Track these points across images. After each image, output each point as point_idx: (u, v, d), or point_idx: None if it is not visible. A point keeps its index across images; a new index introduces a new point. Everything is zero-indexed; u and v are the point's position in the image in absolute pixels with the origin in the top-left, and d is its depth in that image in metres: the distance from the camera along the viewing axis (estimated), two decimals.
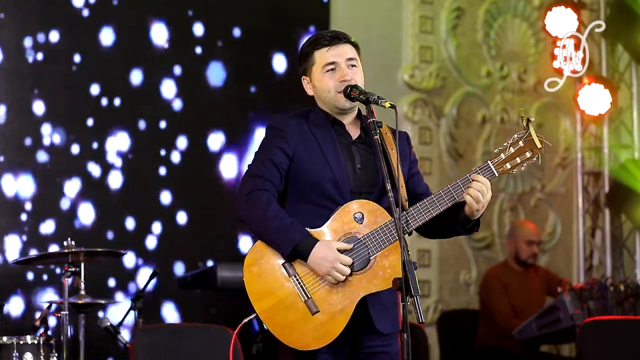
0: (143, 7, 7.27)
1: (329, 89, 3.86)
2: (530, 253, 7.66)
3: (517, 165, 3.80)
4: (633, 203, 8.03)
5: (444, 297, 8.48)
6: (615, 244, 8.35)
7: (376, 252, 3.71)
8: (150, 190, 7.21)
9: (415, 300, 3.44)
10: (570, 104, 8.49)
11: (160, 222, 7.19)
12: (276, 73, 7.71)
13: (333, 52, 3.86)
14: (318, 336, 3.68)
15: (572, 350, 8.36)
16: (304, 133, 3.84)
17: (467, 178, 3.76)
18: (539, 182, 9.02)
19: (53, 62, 6.86)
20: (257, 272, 3.74)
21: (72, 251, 5.33)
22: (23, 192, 6.72)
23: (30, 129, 6.77)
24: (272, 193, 3.77)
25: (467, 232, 3.87)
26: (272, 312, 3.70)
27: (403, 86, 8.41)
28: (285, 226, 3.69)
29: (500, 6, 8.90)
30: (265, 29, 7.67)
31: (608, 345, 6.18)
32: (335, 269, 3.66)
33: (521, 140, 3.79)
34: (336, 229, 3.73)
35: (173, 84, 7.31)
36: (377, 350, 3.80)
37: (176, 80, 7.32)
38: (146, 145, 7.18)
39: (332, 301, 3.68)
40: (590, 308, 6.82)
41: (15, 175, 6.70)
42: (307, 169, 3.80)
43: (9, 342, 5.19)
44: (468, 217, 3.78)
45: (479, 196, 3.72)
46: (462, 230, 3.84)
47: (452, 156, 8.55)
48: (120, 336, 5.77)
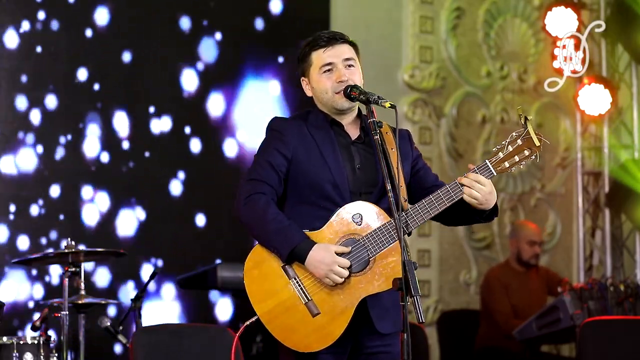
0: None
1: (327, 90, 3.86)
2: (533, 254, 7.65)
3: (516, 163, 3.80)
4: (633, 203, 8.02)
5: (444, 297, 8.48)
6: (615, 244, 8.34)
7: (375, 253, 3.71)
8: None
9: (415, 300, 3.44)
10: (570, 104, 8.49)
11: (160, 222, 7.20)
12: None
13: (330, 52, 3.86)
14: (319, 338, 3.68)
15: (572, 350, 8.36)
16: (303, 135, 3.84)
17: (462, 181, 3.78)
18: (538, 182, 9.02)
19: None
20: (257, 275, 3.74)
21: (72, 251, 5.33)
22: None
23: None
24: (270, 196, 3.77)
25: (486, 220, 3.87)
26: (272, 315, 3.70)
27: (403, 86, 8.41)
28: (284, 228, 3.69)
29: (500, 6, 8.90)
30: (265, 29, 7.67)
31: (608, 345, 6.17)
32: (332, 271, 3.66)
33: (519, 138, 3.78)
34: (335, 231, 3.73)
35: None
36: (378, 350, 3.80)
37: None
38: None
39: (333, 303, 3.69)
40: (590, 308, 6.82)
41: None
42: (306, 170, 3.80)
43: (9, 342, 5.19)
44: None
45: (473, 192, 3.72)
46: (481, 218, 3.85)
47: (452, 156, 8.55)
48: (120, 336, 5.77)
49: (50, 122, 6.83)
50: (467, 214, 3.83)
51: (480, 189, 3.73)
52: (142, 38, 7.19)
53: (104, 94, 7.04)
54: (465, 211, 3.82)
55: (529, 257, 7.64)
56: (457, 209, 3.80)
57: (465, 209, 3.81)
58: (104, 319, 5.74)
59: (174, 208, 7.25)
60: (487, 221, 3.89)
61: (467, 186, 3.73)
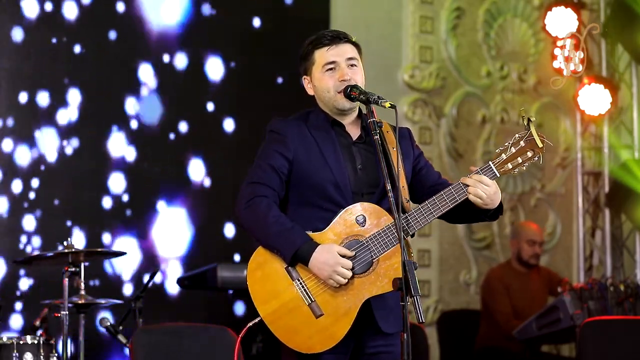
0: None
1: (329, 89, 3.85)
2: (532, 253, 7.65)
3: (519, 165, 3.81)
4: (633, 203, 8.02)
5: (444, 297, 8.48)
6: (615, 244, 8.34)
7: (379, 254, 3.71)
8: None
9: (415, 300, 3.44)
10: (570, 104, 8.49)
11: (160, 222, 7.20)
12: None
13: (333, 51, 3.86)
14: (322, 339, 3.68)
15: (572, 350, 8.36)
16: (304, 136, 3.83)
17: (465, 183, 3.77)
18: (539, 182, 9.02)
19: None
20: (260, 276, 3.73)
21: (72, 251, 5.33)
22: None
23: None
24: (272, 199, 3.76)
25: (492, 219, 3.89)
26: (276, 316, 3.70)
27: (403, 86, 8.41)
28: (286, 230, 3.69)
29: (500, 6, 8.89)
30: (265, 29, 7.67)
31: (608, 345, 6.17)
32: (336, 272, 3.66)
33: (522, 140, 3.79)
34: (339, 232, 3.73)
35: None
36: (380, 351, 3.80)
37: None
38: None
39: (336, 304, 3.68)
40: (590, 308, 6.81)
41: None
42: (308, 171, 3.79)
43: (9, 342, 5.19)
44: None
45: (478, 192, 3.72)
46: (486, 217, 3.86)
47: (452, 156, 8.55)
48: (120, 336, 5.77)
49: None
50: (472, 212, 3.84)
51: (485, 189, 3.74)
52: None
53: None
54: (469, 210, 3.82)
55: (529, 257, 7.63)
56: (462, 208, 3.79)
57: (470, 209, 3.81)
58: (104, 319, 5.74)
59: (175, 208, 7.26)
60: (492, 219, 3.91)
61: (472, 186, 3.73)
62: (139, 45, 7.22)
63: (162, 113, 7.27)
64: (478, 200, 3.74)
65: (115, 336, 5.74)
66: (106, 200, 7.04)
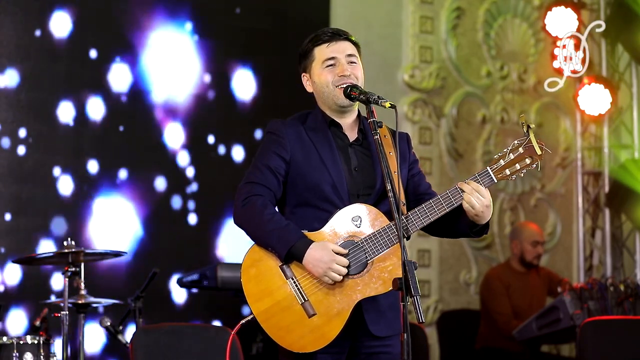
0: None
1: (328, 83, 3.85)
2: (536, 254, 7.66)
3: (517, 171, 3.79)
4: (633, 203, 8.02)
5: (444, 297, 8.48)
6: (615, 244, 8.34)
7: (373, 256, 3.70)
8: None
9: (415, 300, 3.44)
10: (570, 104, 8.48)
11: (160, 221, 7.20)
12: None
13: (333, 47, 3.87)
14: (314, 339, 3.68)
15: (572, 350, 8.36)
16: (301, 137, 3.84)
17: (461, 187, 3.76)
18: (539, 182, 9.02)
19: None
20: (254, 274, 3.74)
21: (72, 251, 5.33)
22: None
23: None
24: (268, 198, 3.77)
25: (476, 235, 3.86)
26: (269, 314, 3.70)
27: (403, 86, 8.41)
28: (281, 228, 3.69)
29: (500, 6, 8.90)
30: (265, 29, 7.67)
31: (608, 345, 6.17)
32: (331, 269, 3.66)
33: (521, 146, 3.78)
34: (334, 232, 3.73)
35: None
36: (377, 351, 3.80)
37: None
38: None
39: (329, 304, 3.68)
40: (590, 308, 6.82)
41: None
42: (305, 172, 3.80)
43: (9, 342, 5.19)
44: (473, 221, 3.78)
45: (472, 200, 3.71)
46: (471, 232, 3.83)
47: (452, 156, 8.55)
48: (120, 336, 5.77)
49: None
50: (459, 225, 3.82)
51: (480, 199, 3.72)
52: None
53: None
54: (457, 222, 3.80)
55: (532, 258, 7.65)
56: (451, 218, 3.79)
57: (458, 221, 3.80)
58: (104, 319, 5.74)
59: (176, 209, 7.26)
60: (477, 236, 3.86)
61: (467, 193, 3.72)
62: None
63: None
64: (470, 209, 3.71)
65: (115, 336, 5.74)
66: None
